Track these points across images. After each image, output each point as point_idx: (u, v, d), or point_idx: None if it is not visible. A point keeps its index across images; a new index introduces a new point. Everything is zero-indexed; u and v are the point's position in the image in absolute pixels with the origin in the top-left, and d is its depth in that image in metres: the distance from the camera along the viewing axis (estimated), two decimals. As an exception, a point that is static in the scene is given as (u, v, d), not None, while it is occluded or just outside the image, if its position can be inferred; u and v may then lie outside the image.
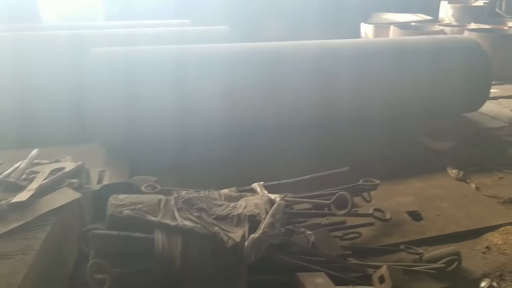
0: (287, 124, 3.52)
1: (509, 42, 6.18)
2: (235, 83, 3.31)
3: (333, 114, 3.66)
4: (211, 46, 3.71)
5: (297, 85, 3.46)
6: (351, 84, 3.62)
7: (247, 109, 3.34)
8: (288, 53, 3.66)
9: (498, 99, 5.03)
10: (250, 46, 3.72)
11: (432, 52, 3.96)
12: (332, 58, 3.66)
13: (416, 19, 7.96)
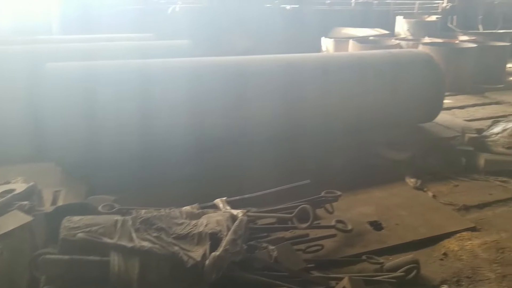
0: (253, 137, 3.52)
1: (460, 55, 6.52)
2: (200, 97, 3.28)
3: (298, 126, 3.70)
4: (175, 60, 3.68)
5: (262, 98, 3.48)
6: (314, 96, 3.68)
7: (212, 123, 3.33)
8: (253, 67, 3.68)
9: (451, 110, 5.27)
10: (215, 60, 3.72)
11: (389, 65, 4.10)
12: (296, 71, 3.73)
13: (374, 34, 8.25)
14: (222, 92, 3.36)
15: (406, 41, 7.46)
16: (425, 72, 4.14)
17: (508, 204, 2.98)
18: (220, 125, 3.37)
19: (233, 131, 3.43)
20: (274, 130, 3.60)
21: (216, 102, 3.33)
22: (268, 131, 3.57)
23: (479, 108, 5.35)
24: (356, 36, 8.11)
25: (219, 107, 3.34)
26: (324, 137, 3.73)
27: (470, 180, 3.34)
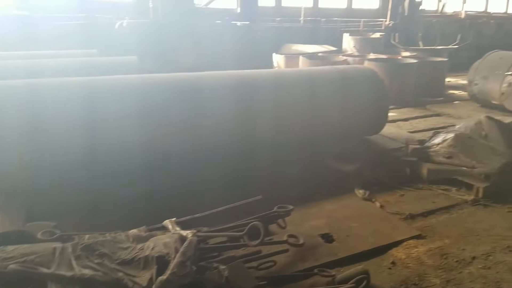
0: (205, 154, 3.48)
1: (403, 70, 6.87)
2: (149, 115, 3.21)
3: (251, 141, 3.72)
4: (122, 77, 3.58)
5: (215, 114, 3.47)
6: (267, 112, 3.74)
7: (164, 141, 3.26)
8: (205, 83, 3.68)
9: (396, 122, 5.52)
10: (164, 76, 3.66)
11: (338, 81, 4.25)
12: (249, 87, 3.76)
13: (322, 50, 8.52)
14: (173, 110, 3.31)
15: (353, 57, 7.77)
16: (370, 87, 4.32)
17: (450, 211, 3.13)
18: (172, 143, 3.31)
19: (185, 148, 3.39)
20: (227, 146, 3.59)
21: (167, 120, 3.28)
22: (221, 147, 3.55)
23: (421, 120, 5.65)
24: (305, 52, 8.34)
25: (170, 124, 3.29)
26: (277, 151, 3.77)
27: (415, 190, 3.48)
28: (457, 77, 8.95)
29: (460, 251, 2.56)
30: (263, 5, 9.42)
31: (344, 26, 9.89)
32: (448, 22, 11.22)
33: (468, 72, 6.43)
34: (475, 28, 11.55)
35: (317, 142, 4.05)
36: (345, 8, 10.42)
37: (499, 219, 2.99)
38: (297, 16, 9.55)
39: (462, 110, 6.16)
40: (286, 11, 9.66)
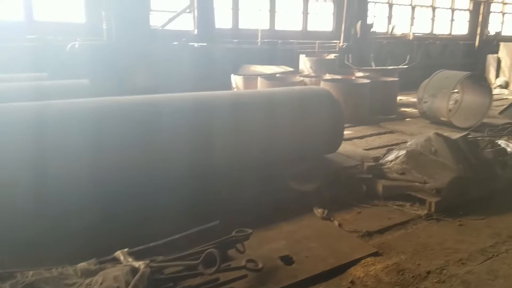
0: (162, 179, 3.40)
1: (357, 90, 7.11)
2: (102, 140, 3.09)
3: (209, 164, 3.66)
4: (72, 101, 3.43)
5: (171, 138, 3.39)
6: (225, 133, 3.71)
7: (118, 166, 3.14)
8: (161, 106, 3.59)
9: (352, 140, 5.66)
10: (118, 99, 3.55)
11: (295, 102, 4.31)
12: (207, 109, 3.73)
13: (280, 71, 8.68)
14: (128, 134, 3.21)
15: (309, 77, 7.96)
16: (326, 107, 4.41)
17: (405, 227, 3.20)
18: (126, 168, 3.20)
19: (140, 173, 3.28)
20: (183, 171, 3.52)
21: (121, 145, 3.17)
22: (177, 172, 3.48)
23: (376, 137, 5.83)
24: (263, 73, 8.46)
25: (124, 149, 3.18)
26: (235, 174, 3.74)
27: (371, 206, 3.54)
28: (408, 95, 9.37)
29: (415, 266, 2.61)
30: (220, 27, 9.52)
31: (300, 47, 10.15)
32: (397, 44, 11.82)
33: (418, 91, 6.75)
34: (422, 49, 12.23)
35: (276, 162, 4.07)
36: (301, 30, 10.73)
37: (451, 233, 3.09)
38: (254, 37, 9.72)
39: (413, 127, 6.42)
40: (244, 33, 9.81)
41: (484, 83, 6.80)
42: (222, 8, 9.57)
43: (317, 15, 10.93)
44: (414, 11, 12.81)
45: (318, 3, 10.90)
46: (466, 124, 6.28)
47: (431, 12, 13.29)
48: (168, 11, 9.00)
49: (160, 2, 8.89)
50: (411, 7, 12.73)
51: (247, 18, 9.94)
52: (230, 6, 9.67)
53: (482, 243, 2.92)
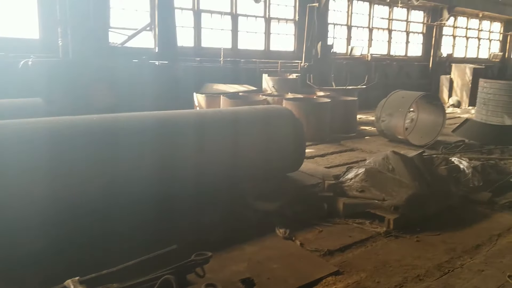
0: (121, 200, 3.28)
1: (318, 109, 7.24)
2: (59, 162, 2.97)
3: (172, 185, 3.59)
4: (24, 121, 3.25)
5: (132, 158, 3.31)
6: (188, 153, 3.66)
7: (74, 189, 3.01)
8: (122, 125, 3.50)
9: (314, 158, 5.74)
10: (73, 119, 3.41)
11: (258, 121, 4.33)
12: (169, 128, 3.66)
13: (243, 90, 8.73)
14: (84, 155, 3.08)
15: (272, 96, 8.05)
16: (289, 126, 4.45)
17: (365, 245, 3.24)
18: (83, 191, 3.06)
19: (98, 196, 3.15)
20: (145, 192, 3.42)
21: (77, 166, 3.04)
22: (137, 193, 3.37)
23: (336, 155, 5.93)
24: (226, 91, 8.47)
25: (81, 172, 3.05)
26: (198, 194, 3.68)
27: (333, 225, 3.56)
28: (367, 114, 9.67)
29: (375, 284, 2.63)
30: (182, 45, 9.50)
31: (263, 66, 10.28)
32: (356, 64, 12.24)
33: (376, 110, 6.97)
34: (380, 69, 12.72)
35: (239, 182, 4.04)
36: (263, 50, 10.88)
37: (409, 249, 3.15)
38: (217, 56, 9.75)
39: (372, 145, 6.60)
40: (206, 51, 9.82)
41: (437, 102, 7.12)
42: (184, 26, 9.56)
43: (279, 35, 11.15)
44: (371, 33, 13.35)
45: (279, 24, 11.13)
46: (421, 142, 6.53)
47: (388, 34, 13.90)
48: (128, 29, 8.88)
49: (121, 19, 8.75)
50: (369, 30, 13.26)
51: (210, 37, 9.98)
52: (192, 24, 9.68)
53: (438, 258, 2.99)
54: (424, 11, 14.64)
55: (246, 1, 10.29)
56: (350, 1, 12.44)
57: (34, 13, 7.75)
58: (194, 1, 9.59)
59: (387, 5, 13.47)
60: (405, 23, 14.32)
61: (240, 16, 10.34)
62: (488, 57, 17.90)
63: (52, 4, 7.49)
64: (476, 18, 17.16)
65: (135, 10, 8.87)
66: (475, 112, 8.58)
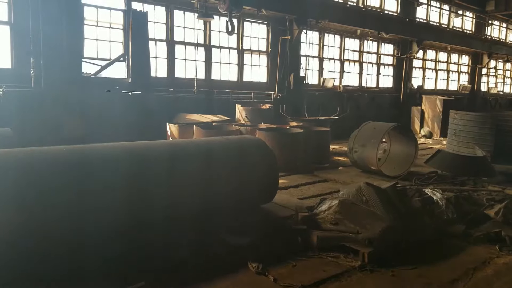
0: (91, 233, 3.16)
1: (291, 139, 7.22)
2: (27, 194, 2.89)
3: (142, 218, 3.48)
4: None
5: (102, 190, 3.22)
6: (159, 185, 3.57)
7: (41, 221, 2.90)
8: (92, 156, 3.43)
9: (288, 189, 5.65)
10: (42, 150, 3.32)
11: (231, 152, 4.28)
12: (140, 159, 3.60)
13: (216, 120, 8.67)
14: (52, 186, 3.00)
15: (245, 126, 8.01)
16: (261, 157, 4.40)
17: (340, 279, 3.12)
18: (50, 224, 2.94)
19: (65, 229, 3.03)
20: (114, 225, 3.31)
21: (44, 199, 2.94)
22: (107, 226, 3.26)
23: (310, 186, 5.87)
24: (199, 121, 8.38)
25: (47, 204, 2.95)
26: (169, 227, 3.57)
27: (307, 259, 3.44)
28: (340, 144, 9.75)
29: (351, 323, 2.51)
30: (156, 76, 9.44)
31: (236, 97, 10.30)
32: (329, 95, 12.44)
33: (349, 141, 7.00)
34: (352, 100, 12.98)
35: (211, 214, 3.92)
36: (237, 80, 10.94)
37: (385, 284, 3.05)
38: (191, 86, 9.72)
39: (346, 176, 6.58)
40: (180, 82, 9.78)
41: (409, 133, 7.23)
42: (158, 57, 9.53)
43: (252, 66, 11.27)
44: (343, 65, 13.70)
45: (252, 55, 11.27)
46: (394, 172, 6.56)
47: (359, 66, 14.30)
48: (102, 59, 8.78)
49: (94, 50, 8.65)
50: (340, 62, 13.61)
51: (183, 68, 9.98)
52: (166, 55, 9.67)
53: (415, 294, 2.90)
54: (394, 44, 15.18)
55: (219, 33, 10.40)
56: (321, 34, 12.78)
57: (7, 43, 7.63)
58: (168, 33, 9.62)
59: (357, 38, 13.92)
60: (376, 55, 14.79)
61: (214, 47, 10.42)
62: (457, 89, 18.59)
63: (26, 34, 7.42)
64: (445, 51, 17.88)
65: (109, 41, 8.80)
66: (447, 143, 8.80)
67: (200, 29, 10.10)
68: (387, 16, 14.35)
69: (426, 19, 16.41)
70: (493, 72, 21.16)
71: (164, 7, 9.51)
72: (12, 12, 7.53)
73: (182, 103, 9.38)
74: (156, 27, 9.41)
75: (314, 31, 12.28)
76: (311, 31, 11.99)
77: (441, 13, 17.15)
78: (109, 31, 8.79)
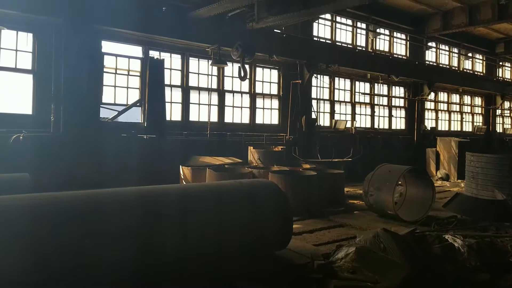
0: (101, 281, 3.12)
1: (305, 182, 7.14)
2: (38, 241, 2.90)
3: (154, 264, 3.44)
4: (7, 198, 3.18)
5: (114, 237, 3.23)
6: (172, 230, 3.55)
7: (51, 267, 2.90)
8: (105, 201, 3.45)
9: (302, 234, 5.51)
10: (57, 195, 3.37)
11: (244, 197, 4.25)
12: (153, 205, 3.61)
13: (228, 162, 8.69)
14: (63, 232, 3.02)
15: (258, 169, 7.99)
16: (274, 202, 4.34)
17: (360, 334, 2.97)
18: (60, 272, 2.93)
19: (75, 279, 3.00)
20: (124, 273, 3.27)
21: (55, 244, 2.95)
22: (116, 274, 3.22)
23: (325, 232, 5.72)
24: (212, 164, 8.41)
25: (59, 250, 2.96)
26: (181, 273, 3.51)
27: (324, 310, 3.30)
28: (355, 187, 9.60)
29: None
30: (170, 119, 9.61)
31: (248, 139, 10.38)
32: (341, 137, 12.44)
33: (363, 184, 6.89)
34: (365, 142, 12.92)
35: (225, 262, 3.83)
36: (249, 123, 11.06)
37: None
38: (204, 129, 9.86)
39: (362, 220, 6.42)
40: (193, 125, 9.93)
41: (425, 176, 7.09)
42: (173, 101, 9.75)
43: (264, 109, 11.42)
44: (354, 107, 13.78)
45: (264, 99, 11.45)
46: (412, 217, 6.38)
47: (371, 108, 14.36)
48: (119, 104, 9.03)
49: (112, 96, 8.92)
50: (352, 104, 13.71)
51: (197, 111, 10.16)
52: (180, 100, 9.89)
53: None
54: (404, 86, 15.28)
55: (232, 78, 10.65)
56: (332, 77, 12.98)
57: (29, 90, 7.93)
58: (183, 79, 9.89)
59: (368, 81, 14.08)
60: (387, 97, 14.88)
61: (227, 92, 10.64)
62: (472, 130, 18.34)
63: (48, 82, 7.74)
64: (457, 93, 17.78)
65: (126, 87, 9.09)
66: (465, 186, 8.58)
67: (213, 75, 10.36)
68: (396, 60, 14.57)
69: (436, 61, 16.60)
70: (507, 113, 21.01)
71: (180, 55, 9.83)
72: (36, 61, 7.87)
73: (196, 145, 9.48)
74: (172, 74, 9.70)
75: (324, 75, 12.49)
76: (321, 75, 12.21)
77: (450, 56, 17.36)
78: (127, 78, 9.09)
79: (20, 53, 7.76)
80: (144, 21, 8.48)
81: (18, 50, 7.74)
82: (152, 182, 4.14)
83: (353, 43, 13.57)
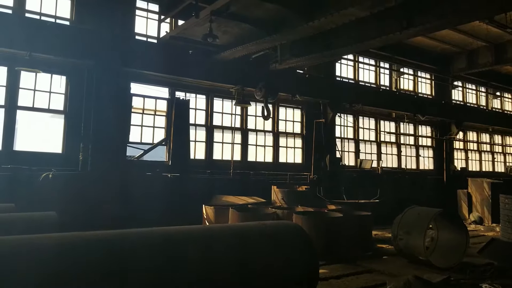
0: None
1: (331, 224, 6.90)
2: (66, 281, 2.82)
3: None
4: (32, 238, 3.13)
5: (137, 280, 3.09)
6: (194, 274, 3.40)
7: None
8: (127, 244, 3.34)
9: (328, 280, 5.27)
10: (82, 235, 3.31)
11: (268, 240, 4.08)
12: (176, 249, 3.48)
13: (252, 202, 8.57)
14: (94, 271, 2.94)
15: (281, 209, 7.82)
16: (300, 247, 4.17)
17: None
18: None
19: None
20: None
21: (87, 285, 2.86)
22: None
23: (353, 278, 5.44)
24: (235, 203, 8.31)
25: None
26: None
27: None
28: (383, 230, 9.24)
29: None
30: (194, 158, 9.67)
31: (272, 178, 10.28)
32: (367, 177, 12.15)
33: (392, 227, 6.61)
34: (392, 183, 12.56)
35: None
36: (272, 162, 10.99)
37: None
38: (227, 168, 9.85)
39: (391, 266, 6.09)
40: (217, 164, 9.95)
41: (458, 219, 6.76)
42: (197, 140, 9.86)
43: (287, 148, 11.37)
44: (380, 147, 13.56)
45: (287, 138, 11.43)
46: (445, 263, 6.02)
47: (397, 148, 14.09)
48: (145, 143, 9.20)
49: (138, 135, 9.11)
50: (377, 143, 13.50)
51: (220, 150, 10.21)
52: (204, 139, 9.99)
53: None
54: (431, 125, 15.00)
55: (255, 117, 10.73)
56: (356, 116, 12.90)
57: (60, 130, 8.24)
58: (207, 119, 10.03)
59: (393, 120, 13.91)
60: (414, 137, 14.60)
61: (250, 131, 10.69)
62: (505, 171, 17.64)
63: (78, 121, 8.01)
64: (487, 132, 17.27)
65: (152, 126, 9.28)
66: (501, 231, 8.10)
67: (237, 114, 10.48)
68: (421, 99, 14.42)
69: (462, 100, 16.34)
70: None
71: (204, 95, 10.04)
72: (68, 102, 8.19)
73: (219, 184, 9.45)
74: (196, 113, 9.87)
75: (348, 114, 12.44)
76: (345, 114, 12.16)
77: (478, 95, 17.06)
78: (153, 118, 9.30)
79: (53, 95, 8.09)
80: (171, 64, 8.77)
81: (51, 92, 8.07)
82: (175, 220, 4.09)
83: (376, 83, 13.57)
